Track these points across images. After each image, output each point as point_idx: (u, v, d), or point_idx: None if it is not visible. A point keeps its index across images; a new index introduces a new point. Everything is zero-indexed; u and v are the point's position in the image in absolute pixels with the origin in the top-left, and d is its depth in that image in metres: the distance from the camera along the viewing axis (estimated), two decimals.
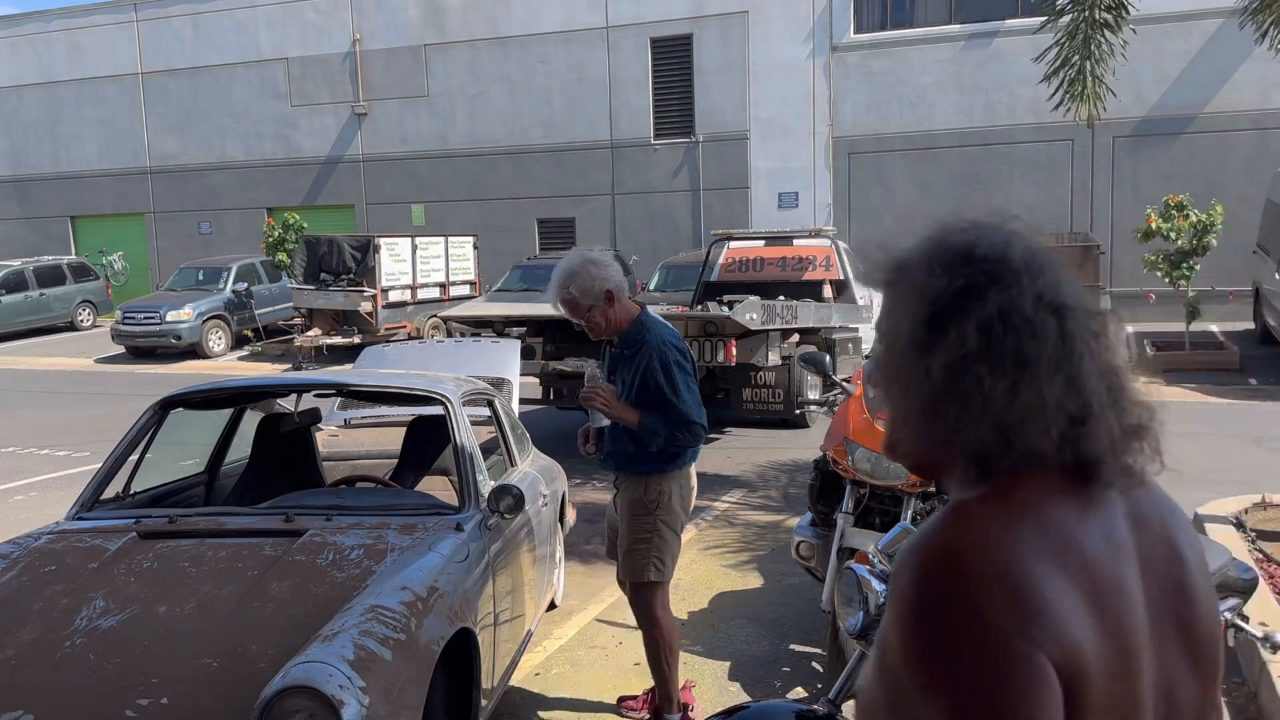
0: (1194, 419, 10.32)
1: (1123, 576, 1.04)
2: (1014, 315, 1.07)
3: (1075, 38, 7.03)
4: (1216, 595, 1.19)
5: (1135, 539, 1.09)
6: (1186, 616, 1.09)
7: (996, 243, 1.15)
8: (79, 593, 3.13)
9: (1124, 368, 1.14)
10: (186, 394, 4.34)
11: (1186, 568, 1.11)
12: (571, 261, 3.70)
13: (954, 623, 0.97)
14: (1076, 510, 1.05)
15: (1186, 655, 1.09)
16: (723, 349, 9.01)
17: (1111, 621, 1.00)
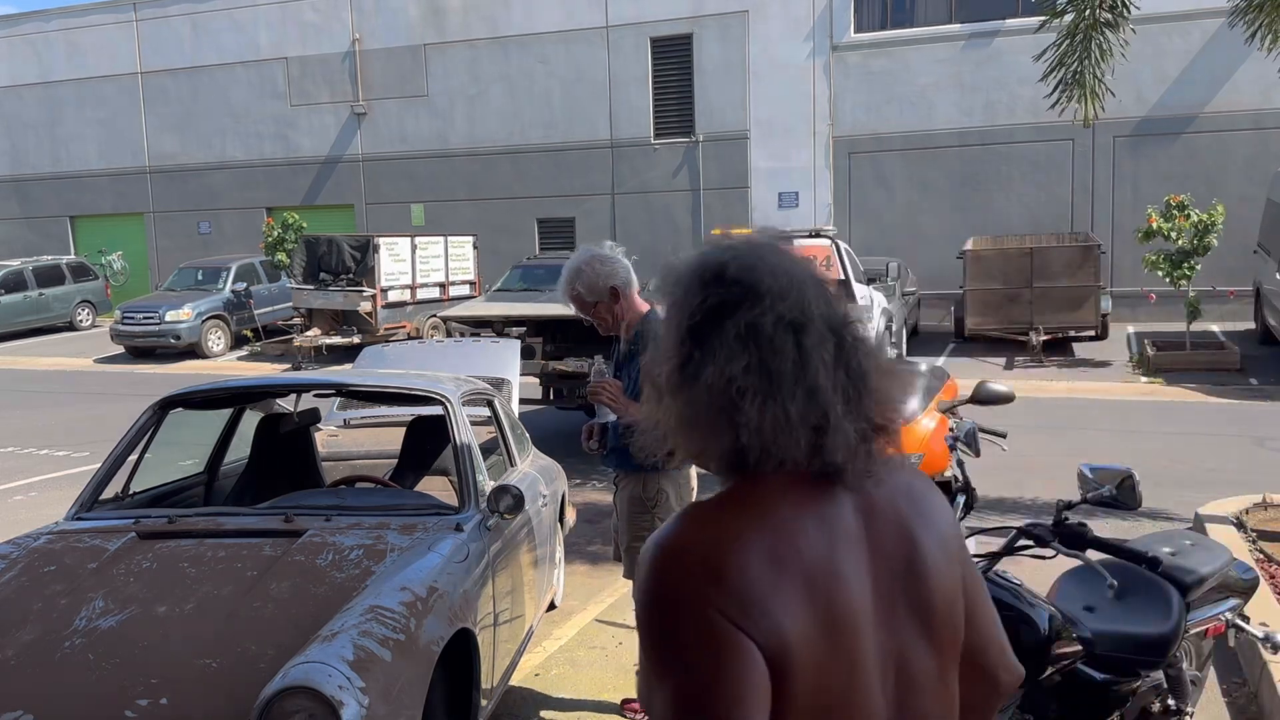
0: (1194, 419, 10.31)
1: (839, 563, 1.15)
2: (758, 334, 1.16)
3: (1075, 37, 7.02)
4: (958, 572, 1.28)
5: (865, 528, 1.20)
6: (920, 593, 1.21)
7: (746, 264, 1.21)
8: (78, 593, 3.12)
9: (871, 371, 1.22)
10: (186, 394, 4.34)
11: (919, 549, 1.22)
12: (578, 259, 3.75)
13: (672, 611, 1.10)
14: (801, 508, 1.16)
15: (920, 628, 1.21)
16: None
17: (823, 606, 1.12)
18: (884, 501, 1.23)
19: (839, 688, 1.13)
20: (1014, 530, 2.57)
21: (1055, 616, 2.48)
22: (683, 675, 1.09)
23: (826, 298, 1.25)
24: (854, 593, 1.15)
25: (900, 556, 1.21)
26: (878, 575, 1.19)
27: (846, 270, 11.58)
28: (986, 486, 6.83)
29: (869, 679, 1.15)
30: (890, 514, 1.23)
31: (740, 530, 1.13)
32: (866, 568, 1.18)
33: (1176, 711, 3.03)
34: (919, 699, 1.20)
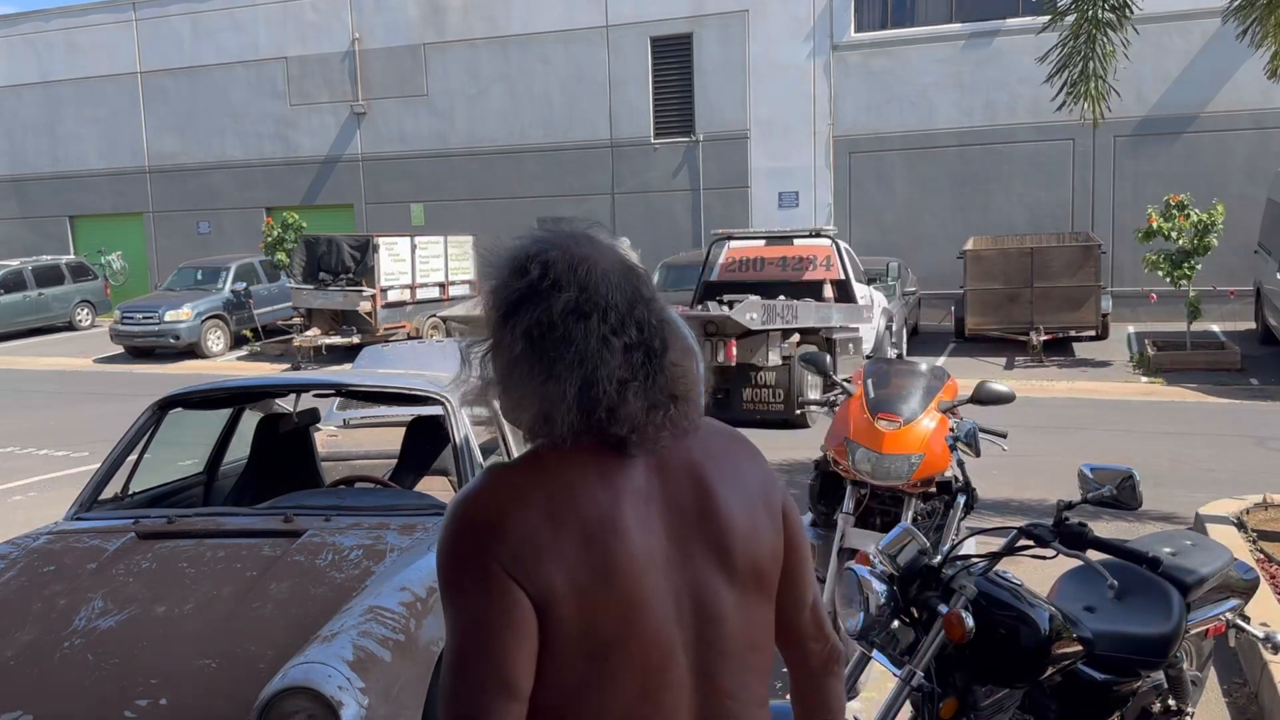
0: (1195, 419, 10.31)
1: (620, 518, 1.32)
2: (548, 324, 1.31)
3: (1079, 37, 7.03)
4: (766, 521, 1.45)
5: (657, 484, 1.37)
6: (715, 536, 1.38)
7: (548, 257, 1.35)
8: (78, 593, 3.12)
9: (671, 349, 1.37)
10: (185, 394, 4.33)
11: (714, 497, 1.39)
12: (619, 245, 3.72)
13: (457, 562, 1.30)
14: (588, 470, 1.33)
15: (717, 566, 1.38)
16: (723, 349, 9.01)
17: (600, 556, 1.29)
18: (678, 460, 1.39)
19: (616, 626, 1.29)
20: (1014, 530, 2.57)
21: (1055, 616, 2.48)
22: (462, 615, 1.29)
23: (630, 284, 1.37)
24: (636, 542, 1.32)
25: (694, 506, 1.38)
26: (670, 523, 1.36)
27: (846, 270, 11.58)
28: (986, 486, 6.83)
29: (657, 615, 1.32)
30: (684, 470, 1.39)
31: (524, 491, 1.32)
32: (658, 518, 1.35)
33: (1177, 712, 3.03)
34: (717, 626, 1.38)
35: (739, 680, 1.41)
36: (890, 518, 4.23)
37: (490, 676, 1.27)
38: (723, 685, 1.39)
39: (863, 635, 2.47)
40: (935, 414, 4.16)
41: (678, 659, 1.35)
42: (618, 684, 1.31)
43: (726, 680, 1.39)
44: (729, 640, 1.39)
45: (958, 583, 2.43)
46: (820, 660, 1.53)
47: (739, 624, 1.40)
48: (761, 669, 1.45)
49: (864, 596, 2.45)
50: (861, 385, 4.37)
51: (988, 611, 2.43)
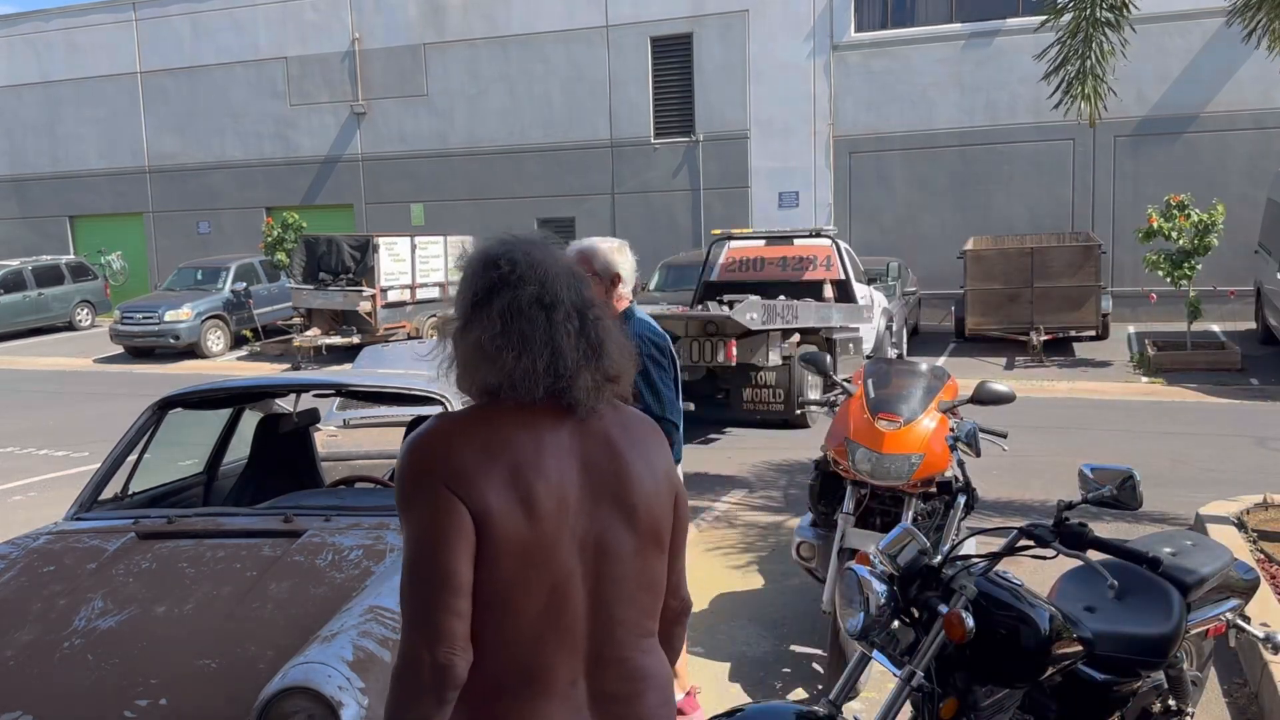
0: (1195, 419, 10.31)
1: (543, 463, 1.61)
2: (517, 309, 1.64)
3: (1076, 36, 7.02)
4: (665, 489, 1.73)
5: (578, 444, 1.67)
6: (622, 494, 1.67)
7: (514, 256, 1.68)
8: (78, 593, 3.11)
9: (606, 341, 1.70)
10: (185, 394, 4.33)
11: (624, 462, 1.69)
12: (610, 239, 3.80)
13: (412, 480, 1.60)
14: (521, 423, 1.63)
15: (622, 517, 1.66)
16: (723, 349, 9.00)
17: (524, 489, 1.58)
18: (599, 429, 1.70)
19: (535, 548, 1.58)
20: (1014, 530, 2.56)
21: (1055, 617, 2.48)
22: (415, 526, 1.58)
23: (576, 286, 1.71)
24: (553, 485, 1.61)
25: (607, 467, 1.67)
26: (584, 477, 1.65)
27: (846, 270, 11.57)
28: (986, 486, 6.84)
29: (564, 547, 1.61)
30: (602, 437, 1.69)
31: (466, 429, 1.63)
32: (575, 470, 1.65)
33: (1177, 712, 3.03)
34: (615, 565, 1.66)
35: (629, 612, 1.68)
36: (890, 518, 4.22)
37: (436, 576, 1.53)
38: (614, 615, 1.67)
39: (863, 635, 2.47)
40: (935, 414, 4.16)
41: (576, 585, 1.62)
42: (531, 600, 1.58)
43: (618, 611, 1.67)
44: (623, 578, 1.67)
45: (958, 583, 2.43)
46: (674, 613, 1.84)
47: (634, 566, 1.68)
48: (651, 608, 1.73)
49: (864, 596, 2.45)
50: (861, 385, 4.37)
51: (988, 612, 2.43)
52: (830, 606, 4.07)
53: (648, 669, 1.71)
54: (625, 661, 1.68)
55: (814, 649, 4.73)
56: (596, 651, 1.65)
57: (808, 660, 4.64)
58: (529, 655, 1.59)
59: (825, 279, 11.54)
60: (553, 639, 1.61)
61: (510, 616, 1.57)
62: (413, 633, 1.53)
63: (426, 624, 1.52)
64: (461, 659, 1.53)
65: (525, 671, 1.59)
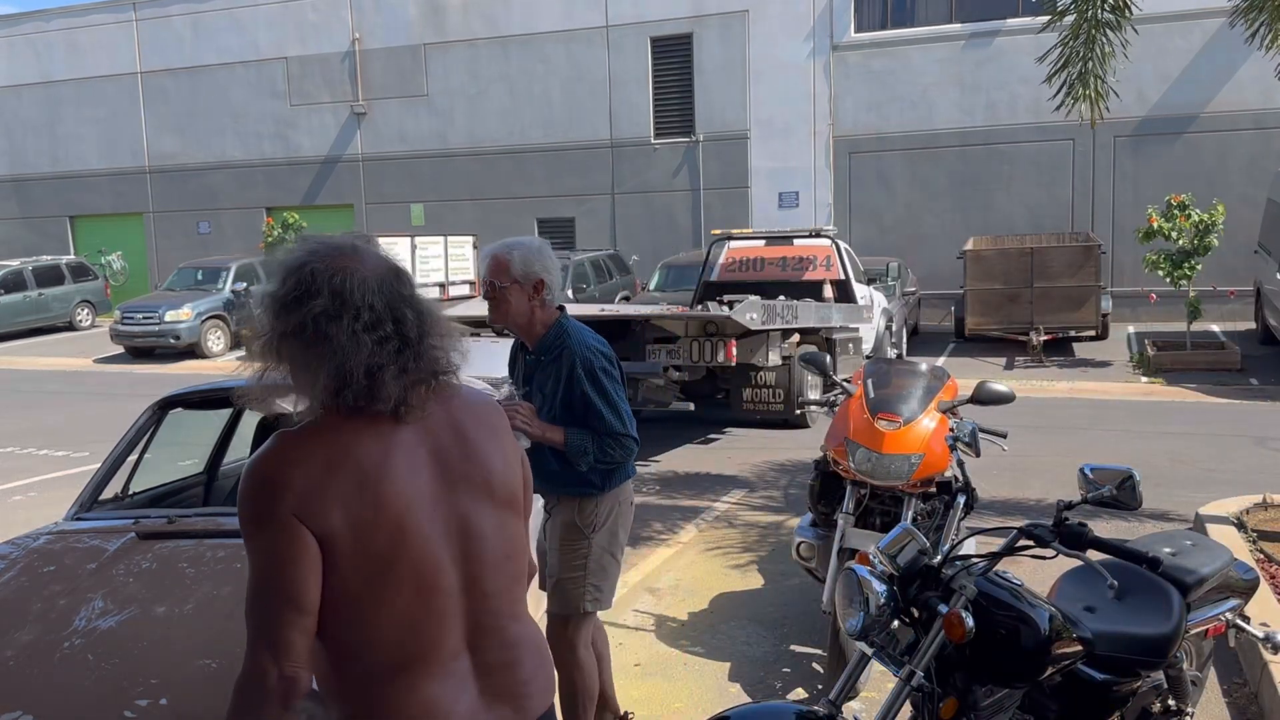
0: (1195, 419, 10.31)
1: (390, 464, 1.65)
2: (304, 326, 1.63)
3: (1078, 38, 7.02)
4: (516, 459, 1.84)
5: (425, 437, 1.71)
6: (477, 473, 1.75)
7: (311, 269, 1.66)
8: (78, 593, 3.12)
9: (428, 335, 1.71)
10: (185, 394, 4.33)
11: (473, 444, 1.76)
12: (530, 239, 3.42)
13: (250, 504, 1.62)
14: (361, 431, 1.66)
15: (480, 496, 1.75)
16: (723, 349, 9.00)
17: (372, 494, 1.62)
18: (443, 417, 1.74)
19: (389, 549, 1.63)
20: (1014, 530, 2.57)
21: (1055, 617, 2.48)
22: (258, 552, 1.61)
23: (390, 287, 1.69)
24: (404, 480, 1.66)
25: (458, 451, 1.74)
26: (437, 466, 1.71)
27: (846, 270, 11.58)
28: (986, 486, 6.84)
29: (424, 538, 1.66)
30: (448, 425, 1.75)
31: (307, 449, 1.63)
32: (425, 463, 1.70)
33: (1177, 712, 3.03)
34: (480, 543, 1.74)
35: (499, 585, 1.77)
36: (890, 518, 4.22)
37: (280, 597, 1.59)
38: (486, 589, 1.74)
39: (863, 635, 2.47)
40: (935, 414, 4.16)
41: (446, 571, 1.69)
42: (397, 594, 1.64)
43: (488, 585, 1.74)
44: (489, 553, 1.75)
45: (958, 583, 2.43)
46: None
47: (498, 540, 1.76)
48: (518, 575, 1.83)
49: (864, 596, 2.45)
50: (861, 385, 4.37)
51: (987, 611, 2.43)
52: (830, 606, 4.07)
53: (521, 636, 1.82)
54: (501, 630, 1.78)
55: (814, 649, 4.73)
56: (473, 625, 1.73)
57: (808, 660, 4.65)
58: (407, 643, 1.66)
59: (825, 279, 11.55)
60: (428, 624, 1.67)
61: (375, 615, 1.64)
62: (259, 648, 1.59)
63: (272, 640, 1.58)
64: (305, 673, 1.60)
65: (405, 658, 1.66)
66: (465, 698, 1.71)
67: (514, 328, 3.38)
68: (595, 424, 3.27)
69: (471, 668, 1.73)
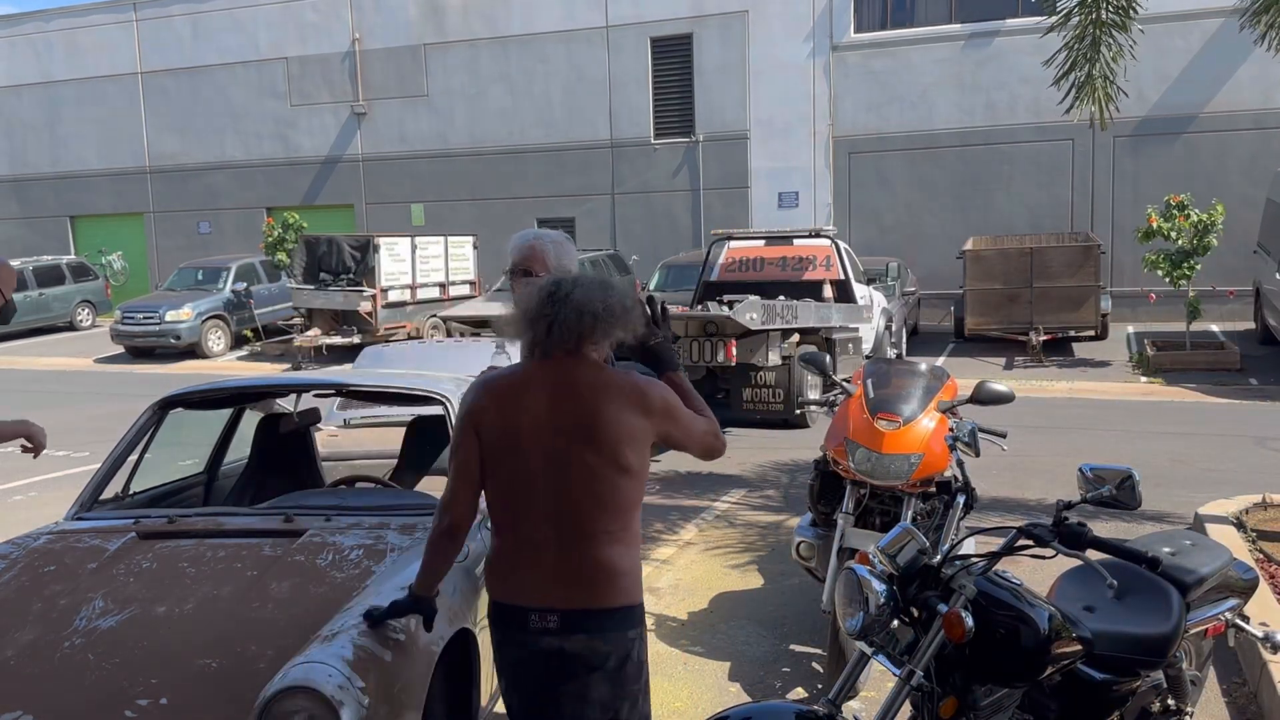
0: (1194, 419, 10.31)
1: (525, 399, 2.47)
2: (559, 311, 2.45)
3: (1083, 39, 7.00)
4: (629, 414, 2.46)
5: (555, 390, 2.46)
6: (579, 421, 2.43)
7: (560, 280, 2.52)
8: (78, 593, 3.12)
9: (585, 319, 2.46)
10: (186, 394, 4.33)
11: (583, 401, 2.44)
12: (552, 231, 3.41)
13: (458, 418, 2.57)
14: (520, 374, 2.53)
15: (580, 438, 2.43)
16: (723, 349, 9.01)
17: (508, 418, 2.47)
18: (571, 380, 2.47)
19: (510, 457, 2.48)
20: (1014, 530, 2.57)
21: (1055, 616, 2.48)
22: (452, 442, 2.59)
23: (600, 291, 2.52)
24: (527, 415, 2.46)
25: (570, 404, 2.44)
26: (554, 412, 2.45)
27: (846, 270, 11.58)
28: (986, 486, 6.84)
29: (523, 450, 2.47)
30: (572, 386, 2.46)
31: (485, 380, 2.58)
32: (546, 404, 2.46)
33: (1176, 711, 3.03)
34: (569, 469, 2.44)
35: (578, 501, 2.44)
36: (890, 518, 4.23)
37: (455, 469, 2.55)
38: (570, 499, 2.44)
39: (863, 635, 2.47)
40: (935, 414, 4.16)
41: (536, 475, 2.46)
42: (500, 478, 2.51)
43: (571, 497, 2.44)
44: (574, 479, 2.44)
45: (957, 582, 2.43)
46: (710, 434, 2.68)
47: (582, 471, 2.43)
48: (600, 503, 2.44)
49: (864, 596, 2.45)
50: (861, 385, 4.37)
51: (987, 611, 2.43)
52: (830, 606, 4.07)
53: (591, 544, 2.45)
54: (573, 531, 2.46)
55: (814, 648, 4.74)
56: (556, 519, 2.45)
57: (807, 660, 4.65)
58: (504, 510, 2.53)
59: (825, 279, 11.55)
60: (514, 504, 2.50)
61: (491, 488, 2.53)
62: (442, 500, 2.58)
63: (446, 496, 2.56)
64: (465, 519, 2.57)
65: (504, 520, 2.53)
66: (540, 561, 2.45)
67: None
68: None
69: (552, 546, 2.45)
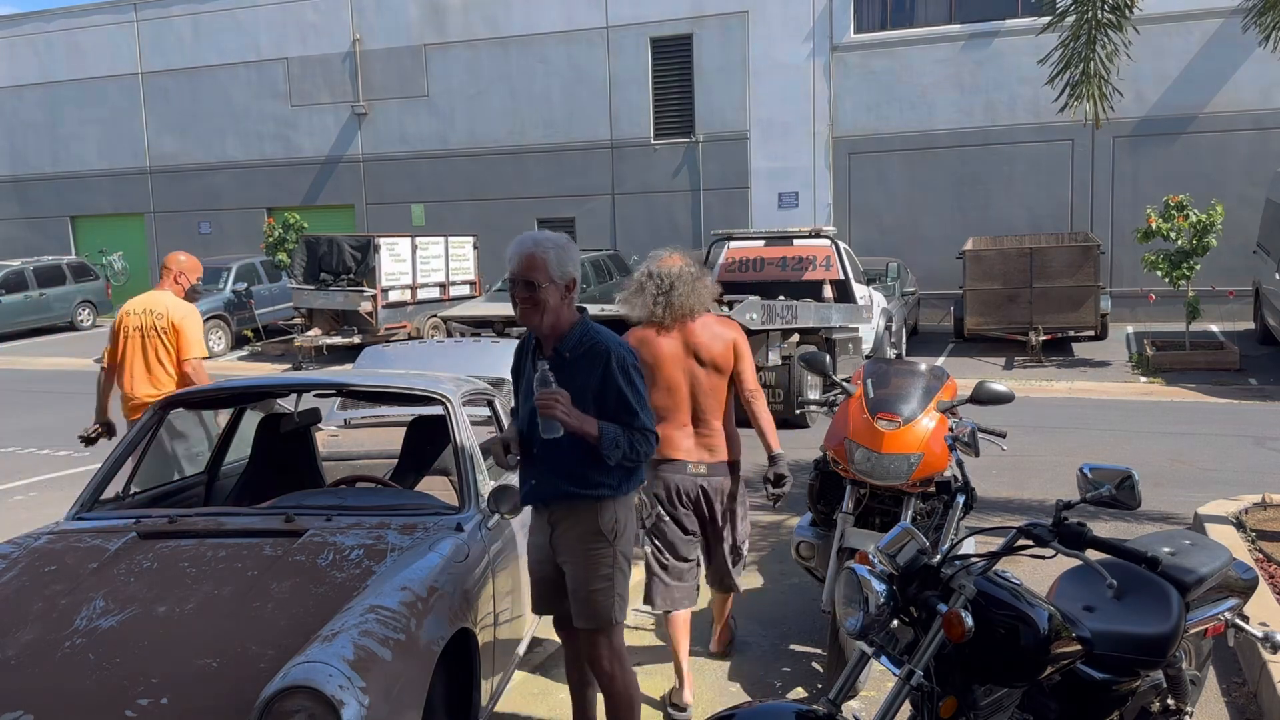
0: (1194, 419, 10.31)
1: (661, 343, 4.18)
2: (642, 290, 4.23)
3: (1079, 38, 7.01)
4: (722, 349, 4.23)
5: (679, 334, 4.16)
6: (699, 352, 4.16)
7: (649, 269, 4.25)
8: (79, 593, 3.12)
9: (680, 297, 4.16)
10: (186, 394, 4.34)
11: (699, 340, 4.16)
12: (555, 235, 3.33)
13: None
14: (649, 326, 4.21)
15: (702, 363, 4.17)
16: None
17: (651, 354, 4.16)
18: (687, 330, 4.15)
19: (658, 376, 4.11)
20: (1014, 530, 2.57)
21: (1055, 616, 2.49)
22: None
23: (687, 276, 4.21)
24: (666, 352, 4.13)
25: (691, 341, 4.14)
26: (681, 345, 4.14)
27: (846, 270, 11.58)
28: (986, 486, 6.85)
29: (669, 372, 4.14)
30: (689, 335, 4.15)
31: (634, 330, 4.21)
32: (677, 343, 4.14)
33: (1176, 711, 3.03)
34: (698, 380, 4.17)
35: (705, 400, 4.19)
36: (890, 518, 4.23)
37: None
38: (699, 401, 4.17)
39: (862, 635, 2.47)
40: (934, 414, 4.17)
41: (679, 386, 4.14)
42: (659, 390, 4.09)
43: (700, 399, 4.17)
44: (700, 385, 4.15)
45: (957, 582, 2.43)
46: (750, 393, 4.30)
47: (706, 381, 4.17)
48: (719, 399, 4.22)
49: (864, 596, 2.45)
50: (861, 385, 4.37)
51: (987, 611, 2.43)
52: (830, 606, 4.08)
53: (715, 425, 4.24)
54: (705, 418, 4.21)
55: (814, 648, 4.74)
56: (695, 413, 4.18)
57: (807, 659, 4.65)
58: (663, 411, 4.06)
59: (825, 279, 11.56)
60: (669, 405, 4.13)
61: (652, 399, 3.74)
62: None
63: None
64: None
65: (664, 417, 4.04)
66: (688, 441, 4.18)
67: (544, 328, 3.25)
68: (627, 419, 3.22)
69: (693, 431, 4.18)
